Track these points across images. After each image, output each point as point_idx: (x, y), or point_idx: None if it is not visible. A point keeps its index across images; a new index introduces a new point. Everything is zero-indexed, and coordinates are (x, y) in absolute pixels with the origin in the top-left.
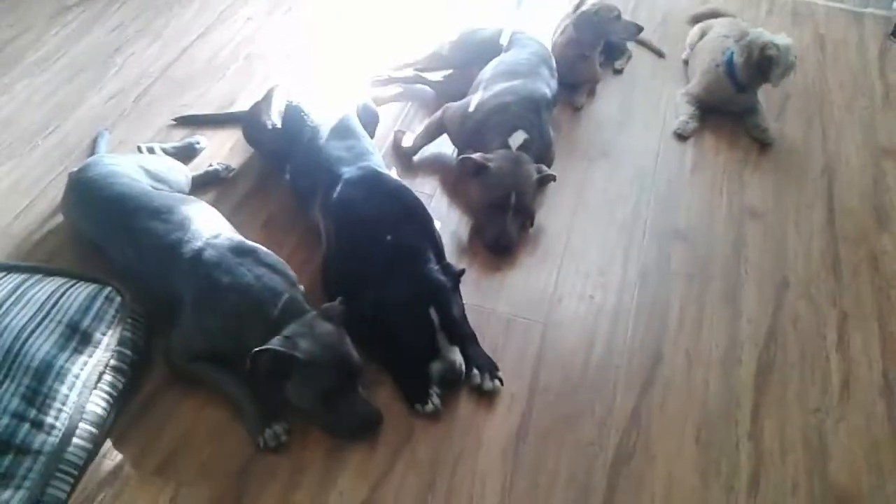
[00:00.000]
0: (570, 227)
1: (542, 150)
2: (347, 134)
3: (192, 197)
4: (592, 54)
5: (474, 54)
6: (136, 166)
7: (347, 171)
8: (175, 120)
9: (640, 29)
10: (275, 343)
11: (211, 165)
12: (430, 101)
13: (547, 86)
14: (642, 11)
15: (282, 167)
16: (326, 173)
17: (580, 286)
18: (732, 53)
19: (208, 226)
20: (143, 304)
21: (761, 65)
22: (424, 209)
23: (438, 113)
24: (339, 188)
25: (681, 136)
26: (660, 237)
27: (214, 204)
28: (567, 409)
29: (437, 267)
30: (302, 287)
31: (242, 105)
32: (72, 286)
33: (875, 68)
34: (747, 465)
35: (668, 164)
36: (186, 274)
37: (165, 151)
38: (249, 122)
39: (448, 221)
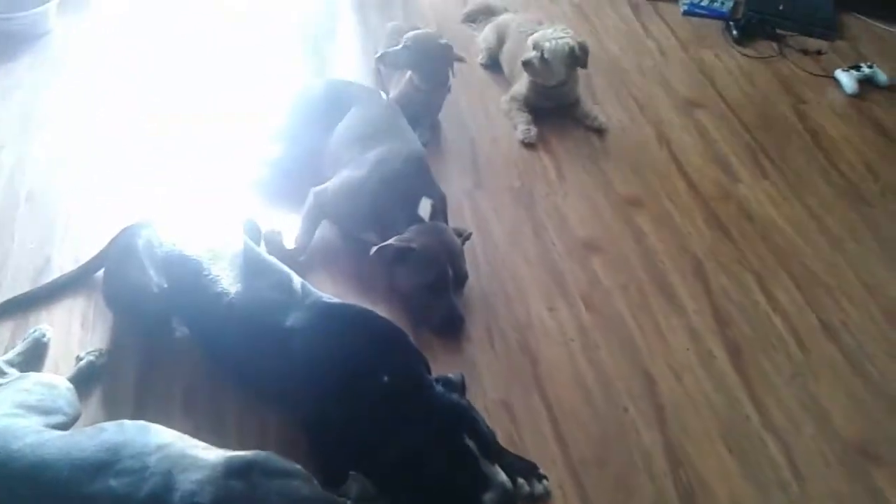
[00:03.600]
0: (494, 275)
1: (444, 209)
2: (262, 268)
3: (112, 423)
4: (428, 86)
5: (311, 119)
6: (11, 408)
7: (296, 318)
8: None
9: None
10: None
11: (80, 358)
12: (269, 184)
13: (415, 137)
14: (414, 20)
15: (166, 323)
16: (267, 329)
17: (542, 334)
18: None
19: (179, 455)
20: None
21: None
22: (391, 323)
23: (310, 200)
24: (298, 344)
25: (530, 145)
26: (576, 256)
27: (111, 402)
28: (612, 472)
29: (441, 386)
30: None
31: (61, 263)
32: None
33: (638, 25)
34: (780, 456)
35: (534, 177)
36: None
37: (13, 364)
38: (116, 286)
39: None
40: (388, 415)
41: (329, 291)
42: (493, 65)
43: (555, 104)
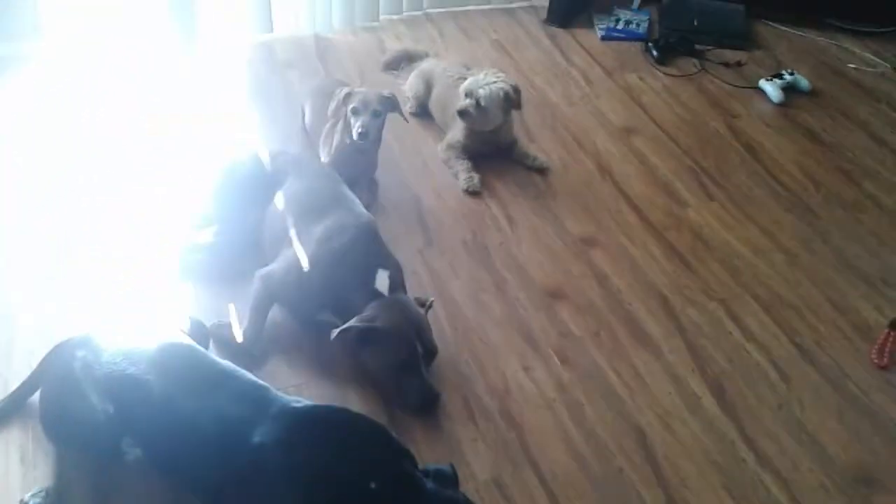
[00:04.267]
0: (461, 340)
1: (402, 279)
2: (217, 377)
3: None
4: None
5: (243, 196)
6: None
7: (264, 433)
8: None
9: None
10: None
11: (24, 502)
12: (207, 272)
13: (360, 205)
14: (336, 73)
15: (115, 448)
16: (234, 448)
17: (523, 399)
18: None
19: None
20: None
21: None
22: (368, 419)
23: (257, 286)
24: (271, 461)
25: (474, 193)
26: (541, 306)
27: None
28: None
29: (432, 482)
30: None
31: None
32: None
33: (559, 56)
34: (782, 495)
35: (485, 227)
36: None
37: None
38: (55, 416)
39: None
40: None
41: (289, 380)
42: (422, 113)
43: (493, 148)
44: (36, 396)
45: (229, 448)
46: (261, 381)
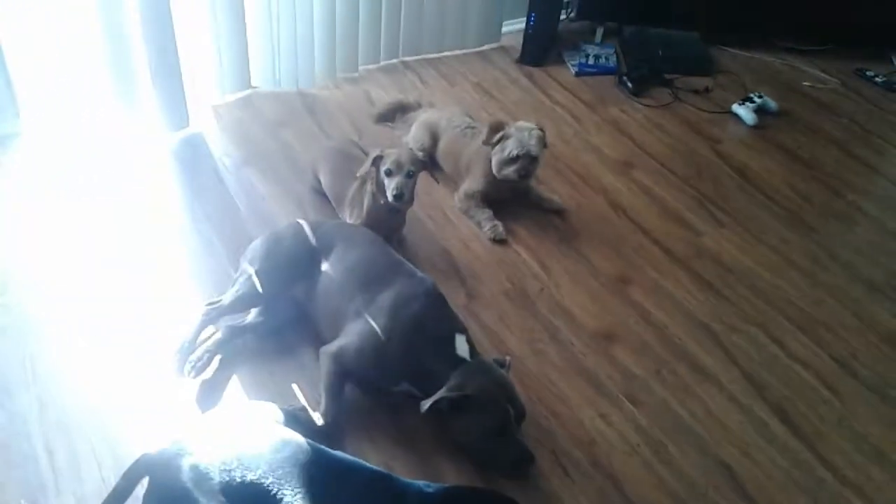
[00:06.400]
0: (532, 394)
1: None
2: (338, 471)
3: None
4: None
5: (289, 272)
6: None
7: None
8: None
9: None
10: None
11: None
12: (259, 354)
13: (416, 269)
14: (333, 131)
15: None
16: None
17: (608, 447)
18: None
19: None
20: None
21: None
22: (502, 494)
23: (328, 365)
24: None
25: (501, 241)
26: (598, 350)
27: None
28: None
29: None
30: None
31: None
32: None
33: (541, 95)
34: None
35: (520, 274)
36: None
37: None
38: None
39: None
40: None
41: (377, 458)
42: (430, 164)
43: (511, 194)
44: None
45: None
46: (379, 469)
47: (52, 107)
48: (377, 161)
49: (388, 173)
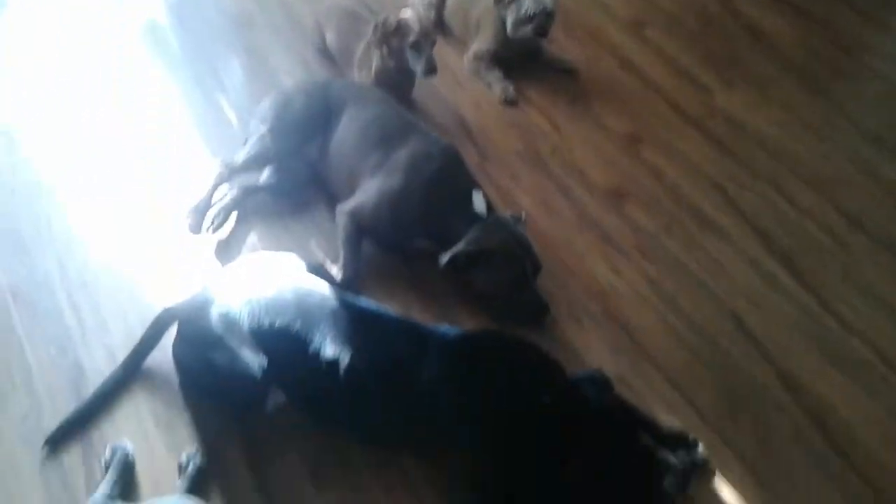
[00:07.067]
0: (546, 249)
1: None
2: (365, 319)
3: None
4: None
5: (301, 130)
6: None
7: (432, 367)
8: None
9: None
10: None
11: (183, 466)
12: (274, 212)
13: (430, 129)
14: None
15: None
16: (402, 386)
17: (619, 297)
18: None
19: None
20: None
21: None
22: (521, 338)
23: (345, 222)
24: (447, 393)
25: (512, 102)
26: (610, 207)
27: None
28: (748, 418)
29: (588, 388)
30: None
31: (95, 363)
32: None
33: None
34: (871, 354)
35: (532, 135)
36: None
37: (114, 498)
38: (204, 378)
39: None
40: (563, 435)
41: (396, 310)
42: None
43: (522, 54)
44: (150, 361)
45: (399, 386)
46: (403, 316)
47: None
48: (398, 31)
49: (416, 46)
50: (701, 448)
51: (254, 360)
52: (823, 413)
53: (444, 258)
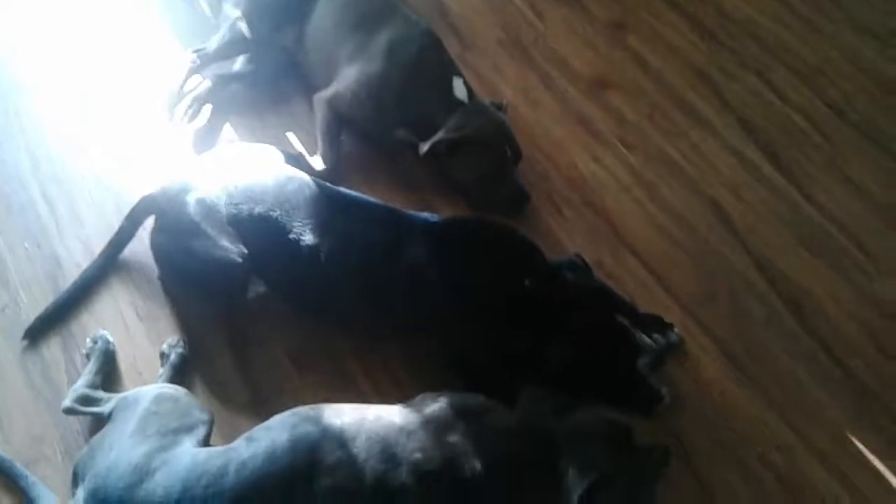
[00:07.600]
0: (527, 139)
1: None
2: (344, 205)
3: (282, 419)
4: None
5: (276, 14)
6: (158, 441)
7: (414, 252)
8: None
9: None
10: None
11: (165, 355)
12: (251, 104)
13: (412, 12)
14: None
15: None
16: (385, 271)
17: (600, 187)
18: None
19: (377, 431)
20: None
21: None
22: (498, 221)
23: (323, 111)
24: (430, 276)
25: None
26: (592, 97)
27: (221, 391)
28: (724, 303)
29: (566, 273)
30: None
31: (72, 256)
32: None
33: None
34: (848, 241)
35: (514, 23)
36: None
37: (95, 387)
38: (182, 265)
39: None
40: (544, 316)
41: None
42: None
43: None
44: (128, 252)
45: (381, 272)
46: (384, 203)
47: None
48: None
49: None
50: (676, 330)
51: (233, 248)
52: (799, 297)
53: (424, 147)
